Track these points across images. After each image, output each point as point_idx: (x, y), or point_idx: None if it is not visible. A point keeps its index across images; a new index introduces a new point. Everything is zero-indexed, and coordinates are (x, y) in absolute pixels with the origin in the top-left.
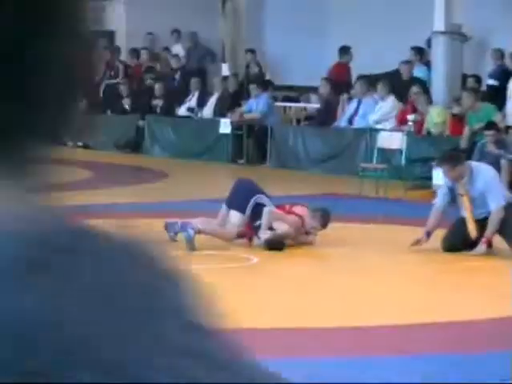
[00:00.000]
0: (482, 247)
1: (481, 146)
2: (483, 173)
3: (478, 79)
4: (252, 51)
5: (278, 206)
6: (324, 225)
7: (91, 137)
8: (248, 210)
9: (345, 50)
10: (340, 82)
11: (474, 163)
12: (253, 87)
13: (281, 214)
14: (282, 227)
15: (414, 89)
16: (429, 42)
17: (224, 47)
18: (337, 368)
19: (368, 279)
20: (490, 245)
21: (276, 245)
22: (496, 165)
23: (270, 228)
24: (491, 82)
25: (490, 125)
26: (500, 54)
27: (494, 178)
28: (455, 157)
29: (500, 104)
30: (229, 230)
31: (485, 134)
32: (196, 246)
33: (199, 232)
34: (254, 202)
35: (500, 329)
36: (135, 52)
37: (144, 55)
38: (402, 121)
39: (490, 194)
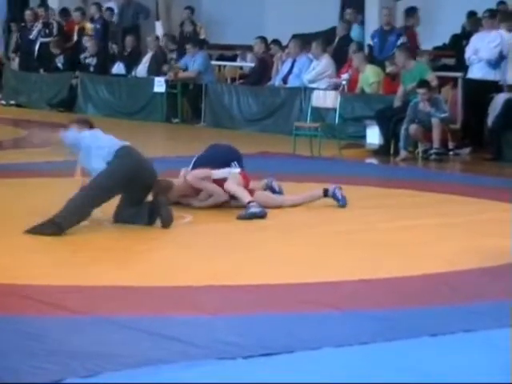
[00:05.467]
0: None
1: (414, 104)
2: None
3: None
4: (190, 9)
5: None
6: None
7: None
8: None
9: (411, 12)
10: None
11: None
12: (188, 46)
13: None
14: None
15: (353, 47)
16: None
17: (158, 4)
18: (270, 323)
19: (299, 238)
20: None
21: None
22: (428, 123)
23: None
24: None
25: (422, 83)
26: None
27: None
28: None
29: None
30: None
31: (417, 92)
32: None
33: None
34: None
35: (418, 285)
36: (66, 11)
37: (76, 13)
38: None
39: None
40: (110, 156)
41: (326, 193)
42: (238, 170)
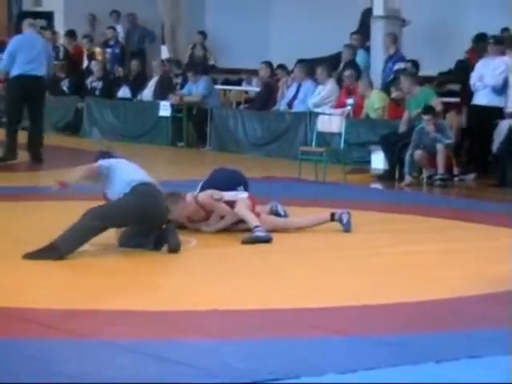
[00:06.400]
0: None
1: (419, 129)
2: None
3: (416, 64)
4: (203, 34)
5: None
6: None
7: None
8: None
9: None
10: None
11: None
12: (190, 74)
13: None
14: None
15: (347, 72)
16: (361, 26)
17: (163, 29)
18: (275, 348)
19: (304, 263)
20: None
21: None
22: (432, 148)
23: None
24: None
25: (427, 109)
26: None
27: None
28: None
29: None
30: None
31: (422, 119)
32: None
33: None
34: None
35: (422, 311)
36: (72, 33)
37: (85, 40)
38: (340, 105)
39: None
40: (128, 188)
41: (332, 217)
42: (245, 194)
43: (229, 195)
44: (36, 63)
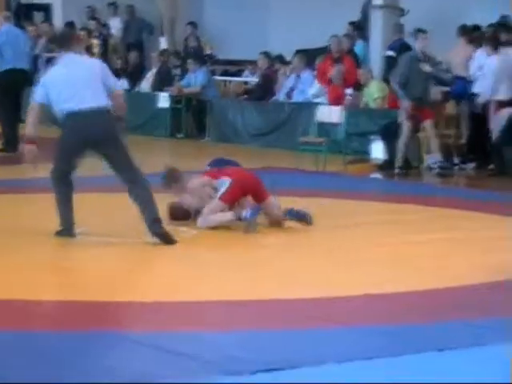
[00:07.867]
0: None
1: (412, 57)
2: None
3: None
4: (193, 24)
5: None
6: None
7: None
8: None
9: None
10: None
11: None
12: (190, 62)
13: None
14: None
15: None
16: (363, 14)
17: (162, 20)
18: (276, 339)
19: (306, 255)
20: None
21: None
22: (427, 85)
23: None
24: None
25: (423, 30)
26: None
27: None
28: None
29: None
30: None
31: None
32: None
33: None
34: None
35: (424, 300)
36: (71, 25)
37: (82, 32)
38: (321, 73)
39: None
40: (62, 117)
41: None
42: (223, 189)
43: (218, 183)
44: (22, 57)
